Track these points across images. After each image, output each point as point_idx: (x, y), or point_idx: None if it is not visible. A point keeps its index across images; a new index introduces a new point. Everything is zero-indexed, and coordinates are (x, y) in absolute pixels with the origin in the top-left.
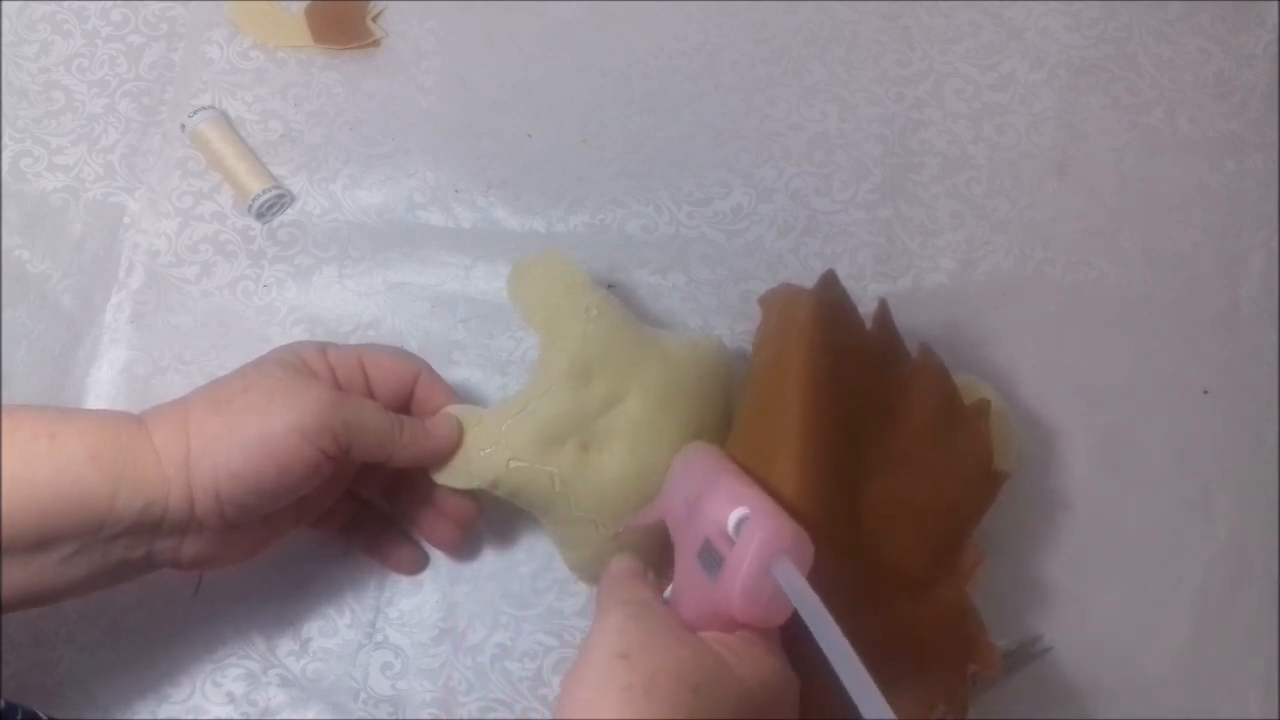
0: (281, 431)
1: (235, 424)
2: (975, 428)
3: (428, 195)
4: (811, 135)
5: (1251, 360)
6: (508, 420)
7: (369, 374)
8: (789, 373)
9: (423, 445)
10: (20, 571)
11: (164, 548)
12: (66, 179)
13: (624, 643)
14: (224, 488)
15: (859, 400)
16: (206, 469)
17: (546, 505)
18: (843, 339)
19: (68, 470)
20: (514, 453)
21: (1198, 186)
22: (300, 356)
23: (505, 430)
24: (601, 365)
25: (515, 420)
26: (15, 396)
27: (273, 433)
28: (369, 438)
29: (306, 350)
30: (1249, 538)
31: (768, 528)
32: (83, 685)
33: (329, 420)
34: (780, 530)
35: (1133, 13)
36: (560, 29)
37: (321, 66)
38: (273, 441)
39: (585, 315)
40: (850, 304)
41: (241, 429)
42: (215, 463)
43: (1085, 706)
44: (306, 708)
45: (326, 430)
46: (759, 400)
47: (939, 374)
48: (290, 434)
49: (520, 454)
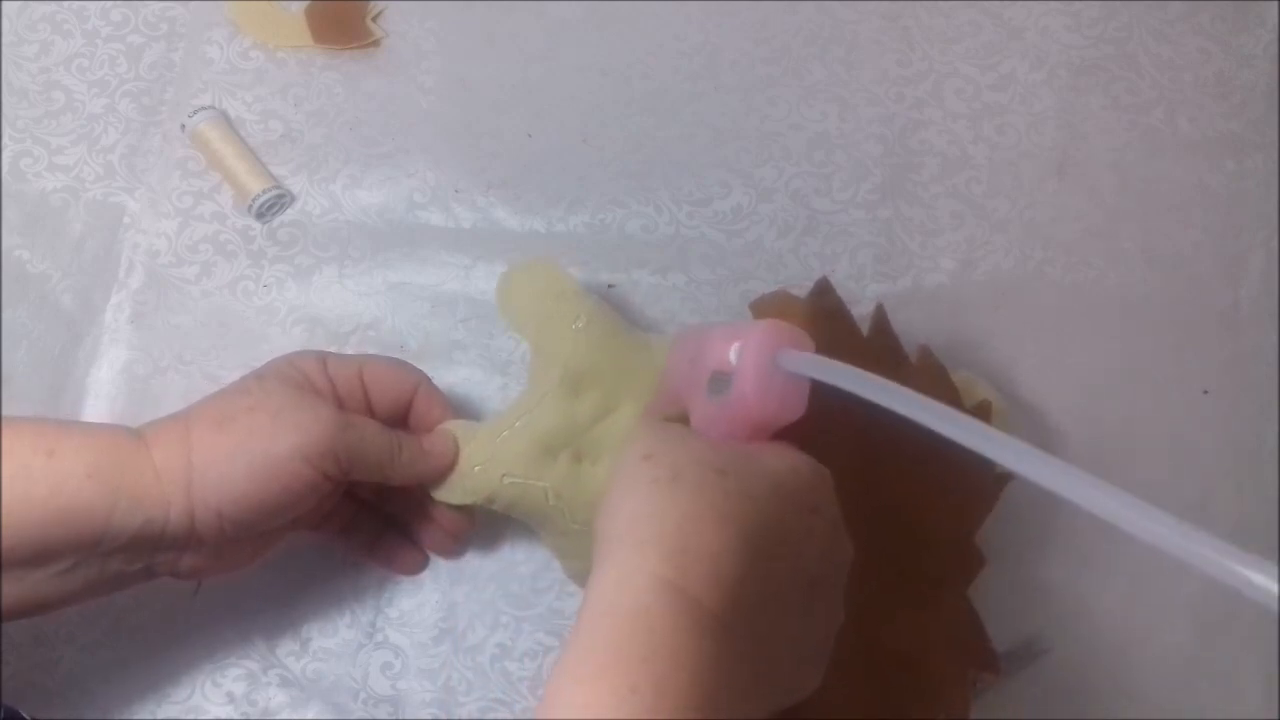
0: (286, 454)
1: (239, 444)
2: None
3: (428, 195)
4: (811, 135)
5: (1251, 360)
6: (501, 435)
7: (368, 386)
8: None
9: (421, 466)
10: (17, 584)
11: (163, 560)
12: (66, 179)
13: (646, 447)
14: (226, 507)
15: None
16: (209, 488)
17: (543, 518)
18: (837, 347)
19: (65, 486)
20: (508, 468)
21: (1198, 186)
22: (302, 370)
23: (498, 445)
24: (592, 376)
25: (508, 435)
26: (15, 396)
27: (278, 455)
28: (369, 460)
29: (307, 363)
30: (1249, 538)
31: (764, 327)
32: (83, 685)
33: (333, 444)
34: (776, 327)
35: (1133, 13)
36: (560, 29)
37: (321, 66)
38: (277, 464)
39: (575, 325)
40: (845, 311)
41: (246, 450)
42: (218, 482)
43: (1085, 707)
44: (306, 708)
45: (330, 454)
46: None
47: (938, 377)
48: (294, 457)
49: (514, 469)
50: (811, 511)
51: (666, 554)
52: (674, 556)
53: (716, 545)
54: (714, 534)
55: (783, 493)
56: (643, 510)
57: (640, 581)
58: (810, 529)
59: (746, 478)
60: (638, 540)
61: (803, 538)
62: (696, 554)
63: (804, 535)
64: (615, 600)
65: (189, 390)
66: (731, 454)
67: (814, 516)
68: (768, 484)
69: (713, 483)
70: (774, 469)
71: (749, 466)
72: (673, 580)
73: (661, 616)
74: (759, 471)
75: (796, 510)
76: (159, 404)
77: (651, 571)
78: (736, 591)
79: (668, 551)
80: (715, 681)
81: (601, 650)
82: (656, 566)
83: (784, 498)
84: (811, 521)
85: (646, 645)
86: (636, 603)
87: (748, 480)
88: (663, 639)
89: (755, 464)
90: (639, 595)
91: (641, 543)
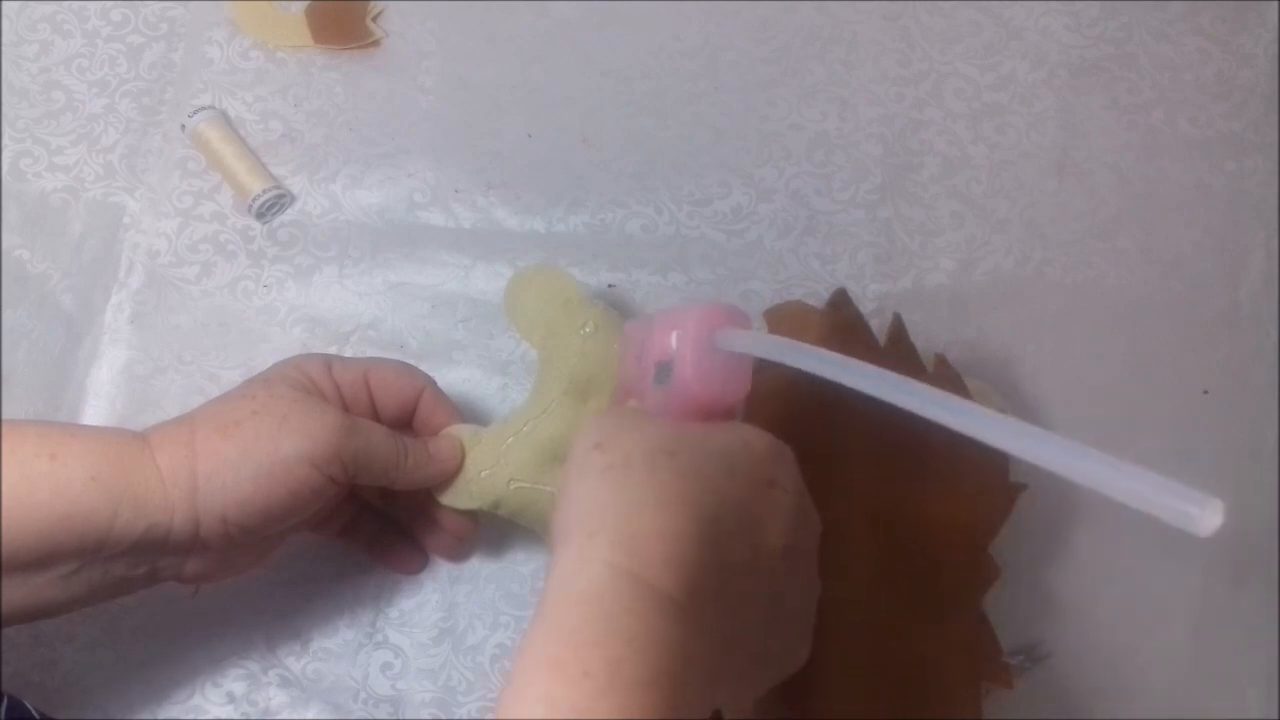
0: (293, 459)
1: (246, 449)
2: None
3: (428, 195)
4: (811, 135)
5: (1251, 360)
6: (507, 440)
7: (373, 390)
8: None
9: (426, 470)
10: (19, 588)
11: (166, 565)
12: (66, 179)
13: (596, 436)
14: (231, 512)
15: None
16: (214, 492)
17: (548, 525)
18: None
19: (68, 491)
20: (514, 473)
21: (1198, 186)
22: (307, 374)
23: (505, 451)
24: (599, 382)
25: (515, 440)
26: (15, 396)
27: (284, 460)
28: (375, 464)
29: (313, 367)
30: (1249, 538)
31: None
32: (83, 685)
33: (339, 449)
34: (712, 309)
35: (1133, 13)
36: (560, 29)
37: (321, 66)
38: (283, 469)
39: (582, 332)
40: (863, 322)
41: (252, 455)
42: (224, 487)
43: (1085, 707)
44: (306, 708)
45: (336, 460)
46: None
47: (955, 386)
48: (301, 462)
49: (521, 475)
50: (770, 485)
51: (617, 541)
52: (625, 543)
53: (669, 528)
54: (666, 517)
55: (737, 468)
56: (594, 499)
57: (593, 570)
58: (771, 502)
59: (698, 456)
60: (589, 530)
61: (763, 512)
62: (648, 538)
63: (765, 509)
64: (568, 589)
65: (189, 390)
66: (682, 436)
67: (773, 490)
68: (721, 462)
69: (664, 465)
70: (726, 446)
71: (700, 446)
72: (625, 566)
73: (615, 601)
74: (711, 450)
75: (753, 485)
76: (159, 404)
77: (604, 559)
78: (694, 572)
79: (619, 538)
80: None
81: (554, 638)
82: (609, 554)
83: (739, 473)
84: (771, 495)
85: (599, 630)
86: (588, 589)
87: (699, 459)
88: (616, 623)
89: (707, 442)
90: (591, 583)
91: (593, 533)
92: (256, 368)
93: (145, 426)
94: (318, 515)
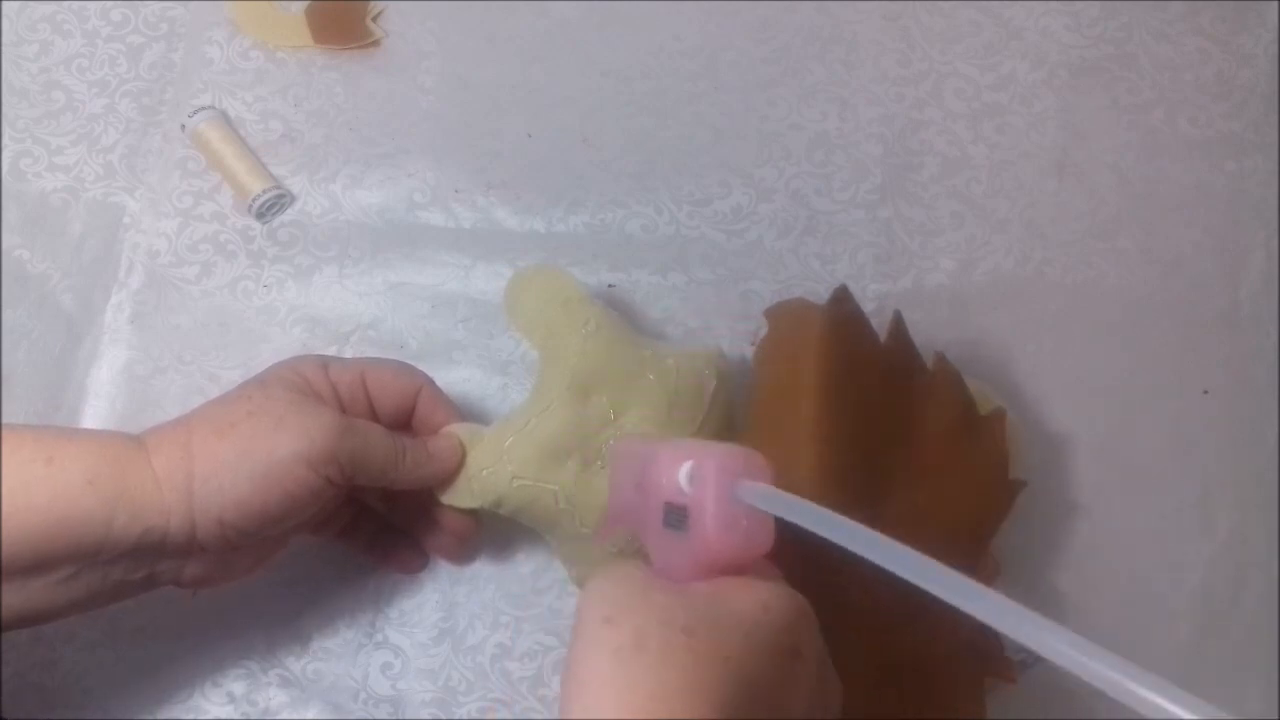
0: (290, 460)
1: (241, 450)
2: (992, 436)
3: (428, 195)
4: (811, 135)
5: (1251, 360)
6: (509, 438)
7: (371, 391)
8: (803, 393)
9: (426, 470)
10: (17, 593)
11: (165, 569)
12: (66, 179)
13: (606, 608)
14: (228, 515)
15: (875, 416)
16: (211, 495)
17: (551, 523)
18: (857, 355)
19: (64, 494)
20: (516, 471)
21: (1198, 186)
22: (304, 376)
23: (507, 449)
24: (600, 381)
25: (517, 438)
26: (15, 396)
27: (280, 460)
28: (373, 464)
29: (309, 368)
30: (1249, 537)
31: (717, 457)
32: (83, 685)
33: (336, 450)
34: (730, 455)
35: (1133, 13)
36: (560, 29)
37: (321, 66)
38: (280, 469)
39: (583, 331)
40: (864, 319)
41: (249, 456)
42: (220, 489)
43: (1084, 707)
44: (306, 708)
45: (333, 460)
46: (771, 419)
47: (955, 384)
48: (298, 463)
49: (523, 472)
50: (792, 656)
51: None
52: None
53: None
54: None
55: (757, 641)
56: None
57: None
58: (793, 675)
59: (716, 633)
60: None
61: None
62: None
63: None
64: None
65: (189, 390)
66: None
67: (795, 661)
68: (740, 635)
69: (680, 647)
70: (745, 613)
71: (718, 618)
72: None
73: None
74: (729, 622)
75: (773, 657)
76: (159, 404)
77: None
78: None
79: None
80: None
81: None
82: None
83: (759, 646)
84: (793, 667)
85: None
86: None
87: (718, 637)
88: None
89: (724, 612)
90: None
91: None
92: (256, 368)
93: (145, 427)
94: (317, 518)
